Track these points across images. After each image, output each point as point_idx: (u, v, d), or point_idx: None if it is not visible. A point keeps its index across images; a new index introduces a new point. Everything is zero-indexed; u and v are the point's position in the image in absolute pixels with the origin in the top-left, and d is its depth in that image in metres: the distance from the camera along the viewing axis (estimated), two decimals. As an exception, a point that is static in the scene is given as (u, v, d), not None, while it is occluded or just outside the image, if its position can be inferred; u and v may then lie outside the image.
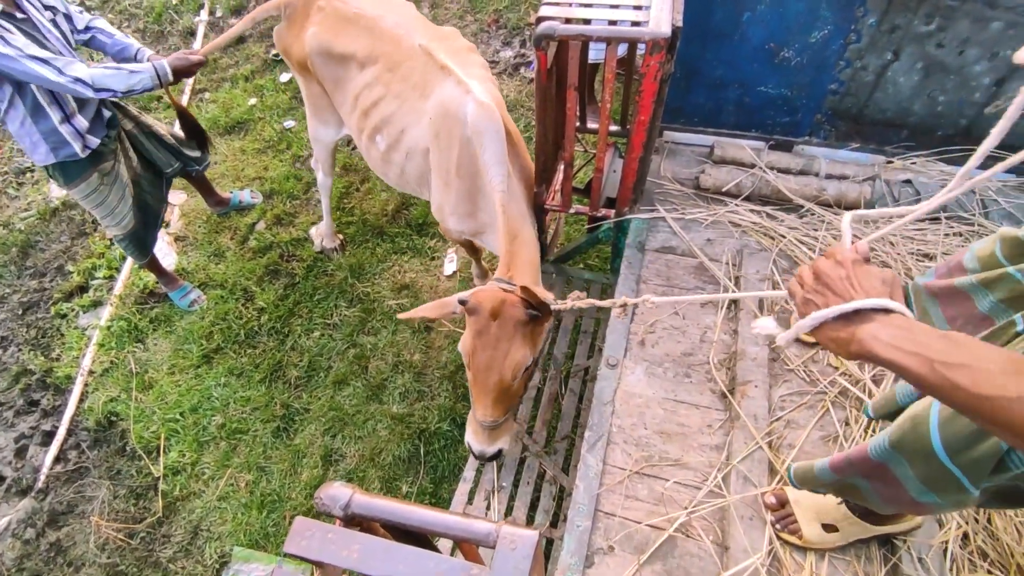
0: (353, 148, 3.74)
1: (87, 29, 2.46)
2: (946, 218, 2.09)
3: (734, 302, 1.99)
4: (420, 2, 4.54)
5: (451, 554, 1.66)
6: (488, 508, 2.00)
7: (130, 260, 3.35)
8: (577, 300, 1.58)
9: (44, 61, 2.08)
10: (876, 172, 2.20)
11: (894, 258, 1.99)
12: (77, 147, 2.38)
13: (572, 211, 2.25)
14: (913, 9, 1.92)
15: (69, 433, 2.79)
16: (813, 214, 2.18)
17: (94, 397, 2.86)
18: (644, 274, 2.11)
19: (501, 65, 4.09)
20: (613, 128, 2.33)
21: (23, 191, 3.84)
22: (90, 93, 2.16)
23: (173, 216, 3.57)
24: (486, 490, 2.05)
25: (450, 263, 3.16)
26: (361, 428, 2.64)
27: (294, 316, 3.05)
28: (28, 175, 3.95)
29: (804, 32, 2.08)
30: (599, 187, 2.12)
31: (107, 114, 2.51)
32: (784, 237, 2.11)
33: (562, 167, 2.17)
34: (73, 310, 3.21)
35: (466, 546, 0.98)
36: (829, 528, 1.43)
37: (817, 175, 2.25)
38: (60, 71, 2.09)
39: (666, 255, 2.17)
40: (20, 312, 3.25)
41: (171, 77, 2.31)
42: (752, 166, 2.29)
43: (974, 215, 2.07)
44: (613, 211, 2.21)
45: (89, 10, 4.79)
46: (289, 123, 3.97)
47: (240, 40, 4.55)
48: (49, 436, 2.79)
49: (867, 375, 1.75)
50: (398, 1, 2.36)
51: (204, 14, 4.70)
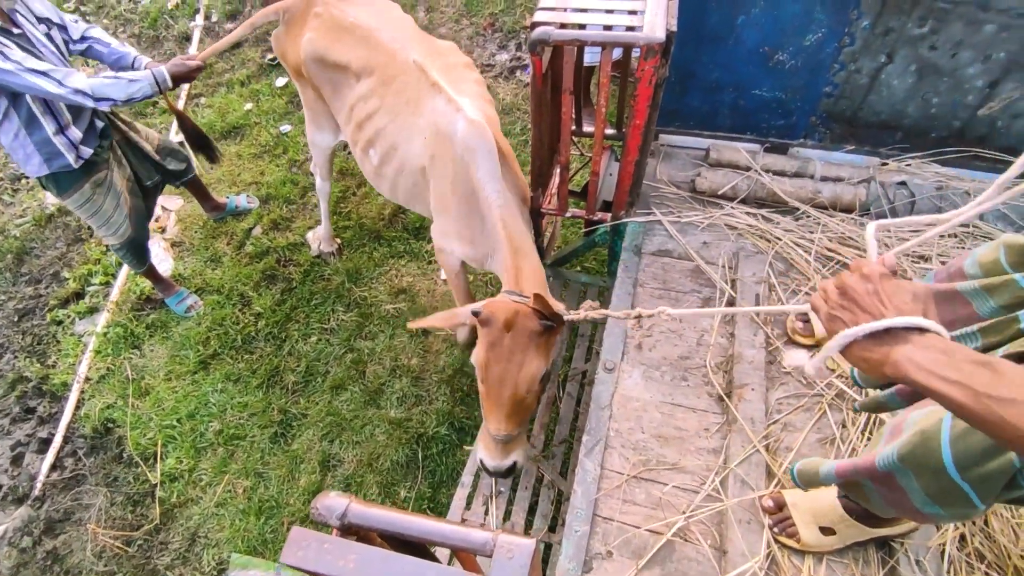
0: (350, 153, 3.74)
1: (83, 39, 2.45)
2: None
3: (730, 304, 2.00)
4: (416, 5, 4.55)
5: (449, 562, 1.66)
6: (486, 513, 2.00)
7: (126, 266, 3.34)
8: (590, 310, 1.56)
9: (44, 74, 2.09)
10: (871, 174, 2.21)
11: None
12: (71, 157, 2.37)
13: (568, 215, 2.26)
14: (907, 12, 1.93)
15: (65, 440, 2.79)
16: (809, 216, 2.18)
17: (90, 404, 2.85)
18: (641, 277, 2.12)
19: (497, 68, 4.10)
20: (609, 131, 2.34)
21: (18, 197, 3.83)
22: (90, 103, 2.17)
23: (169, 222, 3.56)
24: (484, 495, 2.04)
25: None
26: (359, 433, 2.64)
27: (291, 321, 3.05)
28: (23, 181, 3.94)
29: (798, 35, 2.08)
30: (595, 191, 2.12)
31: (100, 124, 2.51)
32: (780, 240, 2.12)
33: (558, 171, 2.17)
34: (69, 317, 3.20)
35: (463, 555, 0.98)
36: (827, 531, 1.43)
37: (812, 177, 2.25)
38: (60, 83, 2.10)
39: (662, 258, 2.17)
40: (16, 319, 3.24)
41: (170, 83, 2.31)
42: (748, 169, 2.29)
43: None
44: (609, 215, 2.21)
45: (84, 16, 4.79)
46: (285, 127, 3.97)
47: (236, 45, 4.54)
48: (45, 443, 2.78)
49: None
50: (396, 14, 2.35)
51: (199, 19, 4.70)
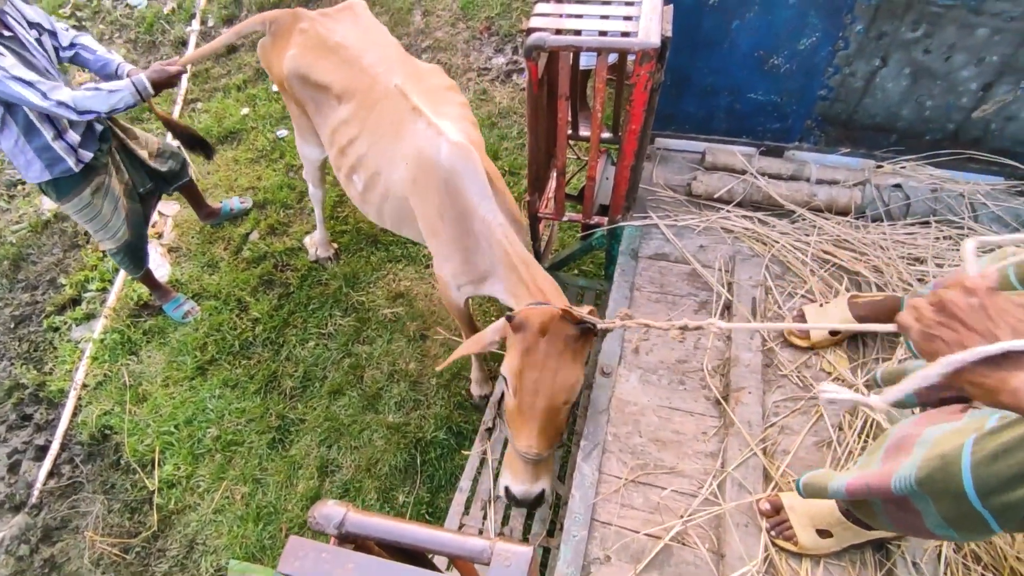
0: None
1: (72, 46, 2.46)
2: (936, 222, 2.11)
3: (727, 308, 2.01)
4: (412, 10, 4.55)
5: (447, 570, 1.66)
6: (485, 518, 1.99)
7: (123, 272, 3.34)
8: (625, 320, 1.48)
9: (29, 84, 2.09)
10: (866, 177, 2.22)
11: (885, 263, 2.00)
12: (71, 162, 2.38)
13: (565, 219, 2.26)
14: (900, 16, 1.94)
15: (62, 447, 2.78)
16: (805, 219, 2.19)
17: (87, 411, 2.85)
18: (637, 281, 2.12)
19: (493, 72, 4.11)
20: (605, 135, 2.35)
21: (14, 204, 3.83)
22: (74, 116, 2.19)
23: (166, 227, 3.56)
24: (482, 500, 2.04)
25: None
26: (357, 438, 2.64)
27: (289, 326, 3.05)
28: (19, 187, 3.93)
29: (793, 39, 2.09)
30: (592, 195, 2.13)
31: (99, 128, 2.51)
32: (776, 243, 2.13)
33: (555, 175, 2.18)
34: (66, 323, 3.19)
35: (461, 563, 0.98)
36: (824, 533, 1.43)
37: (808, 180, 2.26)
38: (45, 95, 2.11)
39: (659, 262, 2.18)
40: (12, 326, 3.23)
41: (151, 90, 2.32)
42: (743, 172, 2.30)
43: (963, 219, 2.09)
44: (606, 218, 2.22)
45: (80, 21, 4.78)
46: (282, 132, 3.97)
47: (232, 50, 4.55)
48: (42, 451, 2.78)
49: (860, 381, 1.76)
50: (383, 37, 2.31)
51: (196, 24, 4.70)
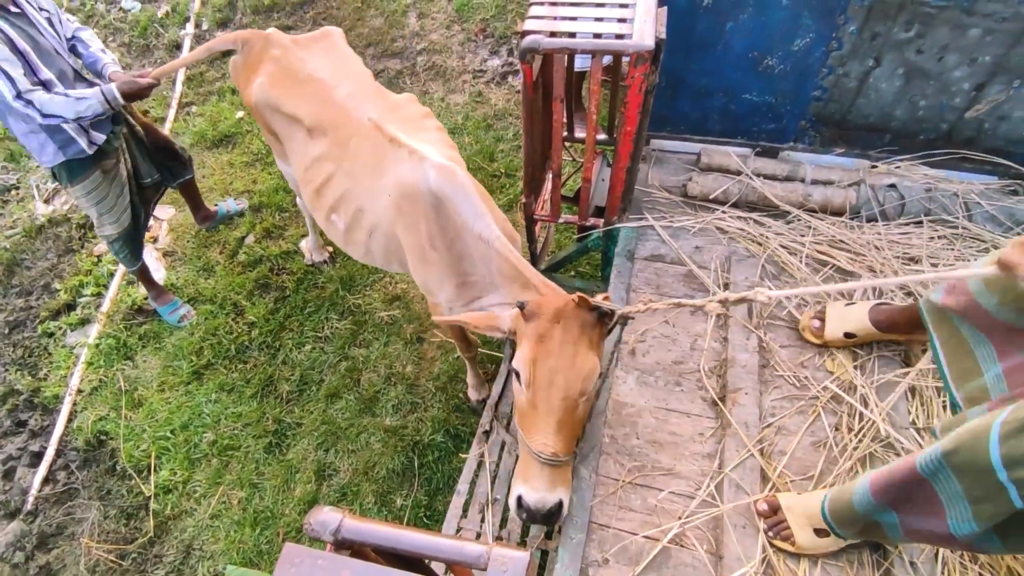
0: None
1: (72, 38, 2.48)
2: (930, 222, 2.12)
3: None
4: (407, 12, 4.55)
5: (444, 575, 1.65)
6: (482, 521, 1.99)
7: (118, 276, 3.33)
8: (650, 304, 1.43)
9: (9, 78, 2.10)
10: (861, 177, 2.22)
11: (881, 263, 2.00)
12: (83, 143, 2.40)
13: (561, 220, 2.26)
14: (893, 17, 1.95)
15: (58, 454, 2.76)
16: (800, 220, 2.20)
17: (83, 416, 2.83)
18: (634, 282, 2.12)
19: (489, 74, 4.11)
20: (601, 137, 2.35)
21: (8, 208, 3.81)
22: (38, 118, 2.20)
23: (161, 231, 3.55)
24: (480, 503, 2.04)
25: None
26: (354, 442, 2.63)
27: (285, 330, 3.04)
28: (13, 192, 3.91)
29: (787, 40, 2.10)
30: (588, 196, 2.13)
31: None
32: (771, 243, 2.13)
33: (550, 177, 2.18)
34: (60, 328, 3.18)
35: (458, 568, 0.98)
36: (822, 533, 1.43)
37: (803, 181, 2.27)
38: (18, 94, 2.13)
39: (655, 263, 2.18)
40: (6, 331, 3.22)
41: (120, 100, 2.33)
42: (739, 173, 2.30)
43: (958, 218, 2.10)
44: (602, 220, 2.22)
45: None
46: (277, 135, 3.96)
47: (227, 52, 4.52)
48: (37, 457, 2.76)
49: (860, 380, 1.76)
50: (355, 68, 2.26)
51: (190, 27, 4.69)
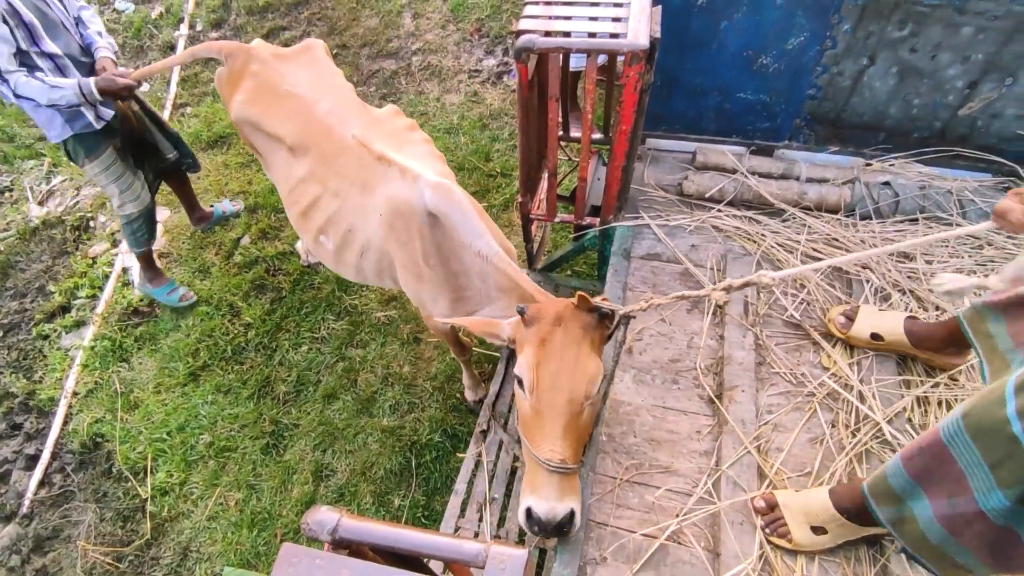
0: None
1: (77, 16, 2.50)
2: (924, 219, 2.13)
3: (719, 306, 2.01)
4: (402, 12, 4.55)
5: (443, 573, 1.65)
6: (480, 520, 1.99)
7: (113, 278, 3.32)
8: (652, 301, 1.42)
9: None
10: (855, 175, 2.23)
11: (875, 260, 2.01)
12: (90, 116, 2.43)
13: (557, 220, 2.27)
14: (886, 16, 1.96)
15: (53, 456, 2.75)
16: (795, 218, 2.20)
17: (78, 419, 2.82)
18: (630, 281, 2.13)
19: (484, 74, 4.11)
20: (596, 136, 2.35)
21: (1, 210, 3.79)
22: (10, 97, 2.24)
23: (156, 232, 3.53)
24: (478, 502, 2.04)
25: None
26: (352, 442, 2.63)
27: (281, 331, 3.03)
28: (6, 194, 3.89)
29: (781, 39, 2.11)
30: (583, 196, 2.13)
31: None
32: (767, 241, 2.14)
33: (546, 176, 2.18)
34: (55, 331, 3.16)
35: (457, 567, 0.98)
36: (818, 530, 1.44)
37: (798, 179, 2.28)
38: None
39: (651, 262, 2.18)
40: (1, 334, 3.20)
41: (97, 96, 2.33)
42: (734, 171, 2.31)
43: (952, 215, 2.11)
44: (598, 219, 2.22)
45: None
46: (272, 136, 3.95)
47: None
48: (33, 460, 2.75)
49: (855, 377, 1.77)
50: (337, 81, 2.22)
51: (184, 28, 4.67)
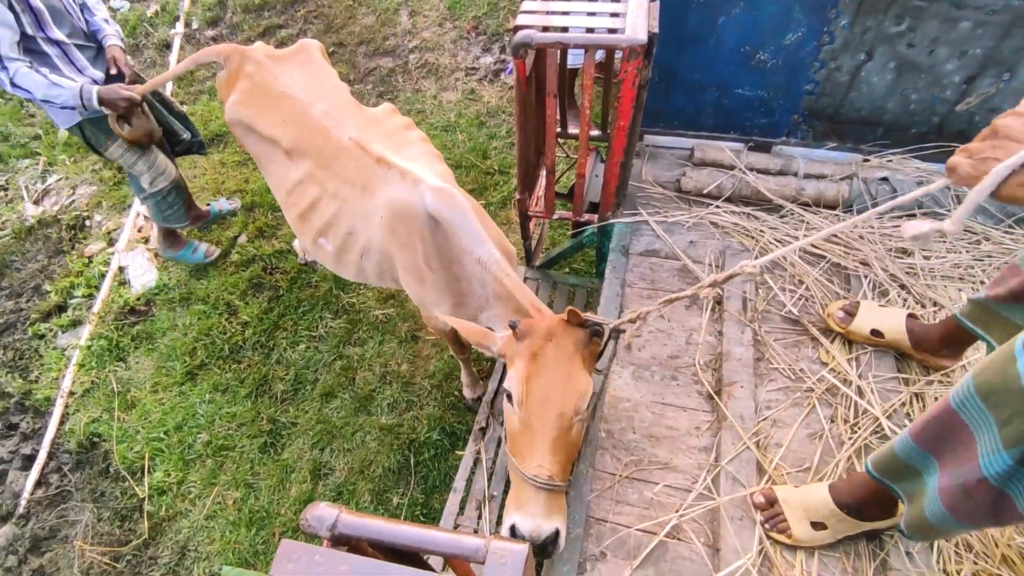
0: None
1: (81, 3, 2.53)
2: (922, 214, 2.13)
3: (718, 303, 2.01)
4: (399, 10, 4.54)
5: (443, 570, 1.65)
6: (479, 517, 1.99)
7: (109, 277, 3.30)
8: (640, 311, 1.39)
9: None
10: (853, 171, 2.23)
11: (874, 256, 2.01)
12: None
13: (555, 216, 2.26)
14: (883, 11, 1.96)
15: (50, 456, 2.74)
16: (793, 214, 2.20)
17: (75, 418, 2.81)
18: (629, 278, 2.12)
19: (481, 71, 4.10)
20: (594, 133, 2.34)
21: (-3, 210, 3.77)
22: (7, 86, 2.25)
23: (153, 231, 3.52)
24: (477, 500, 2.03)
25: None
26: (350, 440, 2.62)
27: (279, 329, 3.02)
28: (2, 194, 3.87)
29: (778, 35, 2.10)
30: (582, 192, 2.13)
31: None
32: (765, 237, 2.14)
33: (544, 173, 2.18)
34: (51, 330, 3.15)
35: (456, 562, 0.98)
36: (818, 526, 1.44)
37: (796, 175, 2.27)
38: None
39: (650, 258, 2.18)
40: (-4, 334, 3.19)
41: (95, 103, 2.35)
42: (732, 168, 2.31)
43: (949, 211, 2.11)
44: (596, 216, 2.22)
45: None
46: (269, 134, 3.94)
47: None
48: (29, 460, 2.74)
49: (854, 372, 1.77)
50: (332, 82, 2.21)
51: (180, 27, 4.66)
